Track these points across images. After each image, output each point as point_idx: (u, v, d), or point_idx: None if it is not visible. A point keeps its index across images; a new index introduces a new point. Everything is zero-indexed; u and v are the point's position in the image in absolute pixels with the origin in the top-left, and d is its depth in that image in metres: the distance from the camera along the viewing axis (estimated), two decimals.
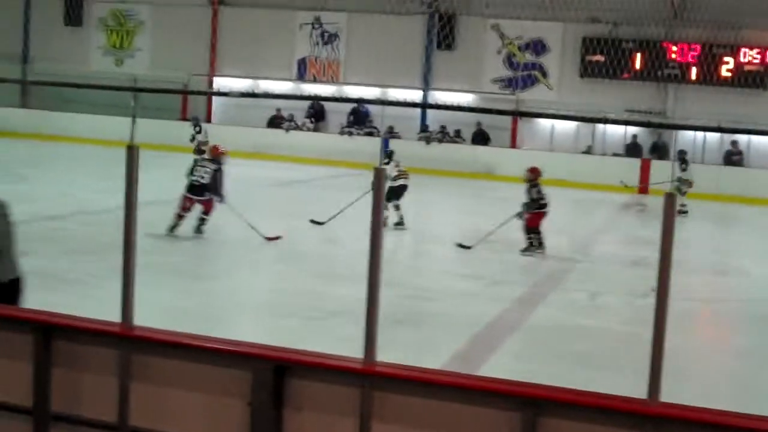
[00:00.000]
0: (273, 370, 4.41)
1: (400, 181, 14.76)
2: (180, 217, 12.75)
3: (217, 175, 12.91)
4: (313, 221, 14.54)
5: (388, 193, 13.53)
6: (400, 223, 14.70)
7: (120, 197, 4.72)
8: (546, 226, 13.42)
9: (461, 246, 13.18)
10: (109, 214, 13.23)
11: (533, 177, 13.62)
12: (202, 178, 12.85)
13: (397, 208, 14.66)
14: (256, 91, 28.09)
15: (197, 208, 12.79)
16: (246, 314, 9.03)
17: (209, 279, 10.36)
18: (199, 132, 22.73)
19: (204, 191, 12.78)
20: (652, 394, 3.76)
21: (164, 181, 13.03)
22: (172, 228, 12.64)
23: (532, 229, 13.34)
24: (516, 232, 14.69)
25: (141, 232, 4.80)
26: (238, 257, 12.16)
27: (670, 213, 3.83)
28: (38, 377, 4.87)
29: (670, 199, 3.82)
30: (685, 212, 18.07)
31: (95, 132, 25.77)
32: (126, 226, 4.71)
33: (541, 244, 13.34)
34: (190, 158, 14.87)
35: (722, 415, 3.75)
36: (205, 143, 18.95)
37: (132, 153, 4.68)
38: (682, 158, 19.86)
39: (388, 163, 15.04)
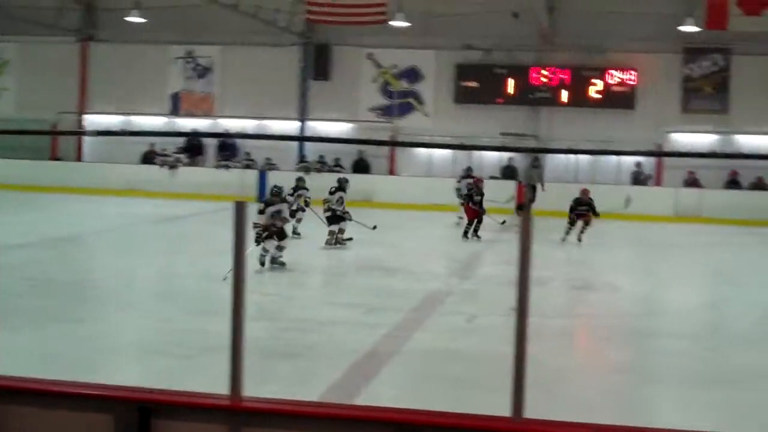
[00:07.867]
0: (137, 412, 4.28)
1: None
2: None
3: None
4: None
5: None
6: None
7: None
8: (426, 250, 13.51)
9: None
10: None
11: None
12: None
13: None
14: (127, 128, 27.61)
15: None
16: (117, 356, 8.74)
17: (81, 321, 10.01)
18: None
19: None
20: (516, 411, 3.82)
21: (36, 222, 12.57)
22: None
23: None
24: (397, 259, 14.73)
25: (11, 275, 4.62)
26: (113, 297, 11.83)
27: (527, 231, 3.93)
28: None
29: (526, 217, 3.92)
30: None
31: None
32: None
33: None
34: (59, 198, 14.44)
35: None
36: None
37: None
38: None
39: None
